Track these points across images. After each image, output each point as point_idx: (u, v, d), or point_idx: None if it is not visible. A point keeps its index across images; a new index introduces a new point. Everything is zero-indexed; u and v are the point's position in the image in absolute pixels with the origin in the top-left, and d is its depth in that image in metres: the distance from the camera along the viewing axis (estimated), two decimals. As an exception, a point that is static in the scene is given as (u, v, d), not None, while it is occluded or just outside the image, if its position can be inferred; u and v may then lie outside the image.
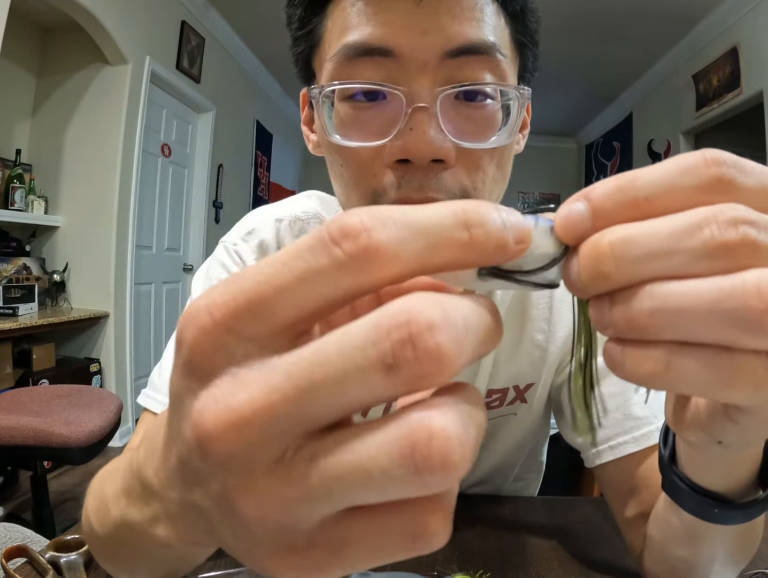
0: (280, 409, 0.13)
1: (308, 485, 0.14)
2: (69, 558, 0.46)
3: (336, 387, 0.13)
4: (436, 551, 0.14)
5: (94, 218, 2.96)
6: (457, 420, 0.13)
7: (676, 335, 0.16)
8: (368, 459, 0.13)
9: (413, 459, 0.13)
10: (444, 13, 0.38)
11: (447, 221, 0.15)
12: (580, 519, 0.60)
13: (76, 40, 2.85)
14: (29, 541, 0.71)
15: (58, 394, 1.84)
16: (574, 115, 5.89)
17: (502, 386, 0.60)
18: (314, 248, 0.14)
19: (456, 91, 0.39)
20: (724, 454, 0.29)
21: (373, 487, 0.13)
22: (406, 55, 0.38)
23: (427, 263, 0.15)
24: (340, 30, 0.40)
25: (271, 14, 3.81)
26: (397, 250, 0.14)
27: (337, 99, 0.41)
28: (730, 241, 0.15)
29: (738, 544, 0.38)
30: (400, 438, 0.13)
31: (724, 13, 3.38)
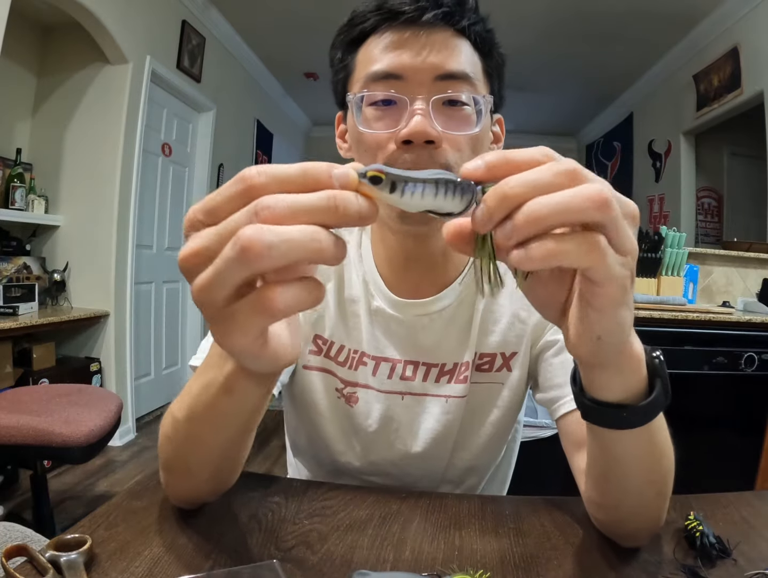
0: (202, 245, 0.29)
1: (212, 272, 0.29)
2: (69, 557, 0.46)
3: (230, 234, 0.28)
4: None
5: (95, 217, 2.96)
6: (259, 230, 0.27)
7: (557, 223, 0.29)
8: (224, 252, 0.28)
9: (235, 244, 0.27)
10: (436, 52, 0.59)
11: (294, 173, 0.29)
12: (580, 519, 0.60)
13: (76, 39, 2.85)
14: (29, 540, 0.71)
15: (58, 393, 1.84)
16: (574, 115, 5.89)
17: (491, 351, 0.72)
18: (231, 184, 0.30)
19: (442, 99, 0.59)
20: (615, 367, 0.40)
21: (225, 267, 0.28)
22: (409, 78, 0.59)
23: (282, 191, 0.28)
24: (367, 61, 0.62)
25: (271, 14, 3.81)
26: (264, 187, 0.29)
27: (364, 105, 0.62)
28: (568, 169, 0.29)
29: (647, 455, 0.47)
30: (232, 239, 0.28)
31: (724, 14, 3.38)
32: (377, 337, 0.73)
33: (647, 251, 2.27)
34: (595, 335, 0.35)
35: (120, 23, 2.80)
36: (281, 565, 0.47)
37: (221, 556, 0.50)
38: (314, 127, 6.72)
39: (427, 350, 0.72)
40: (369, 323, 0.73)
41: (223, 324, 0.32)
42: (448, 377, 0.72)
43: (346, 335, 0.74)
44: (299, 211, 0.27)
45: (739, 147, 4.14)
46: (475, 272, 0.72)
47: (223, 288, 0.29)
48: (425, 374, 0.73)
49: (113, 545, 0.51)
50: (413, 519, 0.60)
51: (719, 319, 2.05)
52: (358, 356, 0.73)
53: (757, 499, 0.69)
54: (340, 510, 0.61)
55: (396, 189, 0.29)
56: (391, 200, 0.29)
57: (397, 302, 0.71)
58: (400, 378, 0.73)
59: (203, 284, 0.29)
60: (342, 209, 0.28)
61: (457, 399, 0.72)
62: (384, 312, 0.72)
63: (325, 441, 0.77)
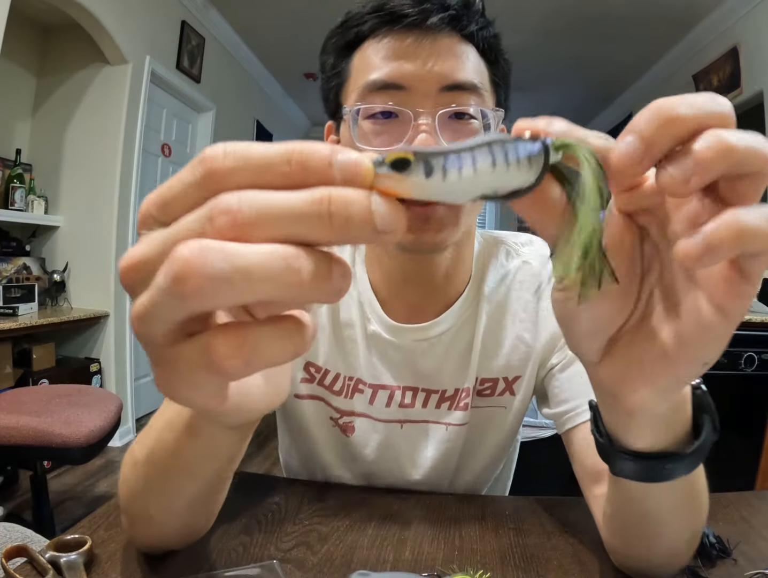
0: (143, 256, 0.20)
1: (147, 300, 0.19)
2: (69, 557, 0.46)
3: (165, 248, 0.19)
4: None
5: (95, 217, 2.96)
6: (203, 252, 0.17)
7: (749, 162, 0.21)
8: (157, 276, 0.19)
9: (168, 271, 0.18)
10: (441, 60, 0.53)
11: (274, 156, 0.19)
12: (580, 519, 0.60)
13: (76, 39, 2.85)
14: (29, 541, 0.71)
15: (58, 394, 1.84)
16: (574, 115, 5.88)
17: (493, 376, 0.68)
18: (188, 166, 0.20)
19: (449, 112, 0.54)
20: (662, 412, 0.32)
21: (159, 299, 0.19)
22: (413, 89, 0.53)
23: (256, 183, 0.19)
24: (364, 69, 0.55)
25: (271, 14, 3.81)
26: (231, 173, 0.19)
27: (361, 118, 0.55)
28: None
29: (684, 502, 0.41)
30: (167, 261, 0.18)
31: (724, 14, 3.38)
32: (374, 364, 0.68)
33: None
34: (703, 360, 0.26)
35: (119, 24, 2.80)
36: (281, 566, 0.47)
37: (221, 557, 0.50)
38: (314, 128, 6.72)
39: (426, 377, 0.68)
40: (366, 349, 0.68)
41: (163, 369, 0.22)
42: (448, 404, 0.69)
43: (342, 362, 0.69)
44: (274, 218, 0.18)
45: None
46: (558, 266, 0.41)
47: (159, 323, 0.20)
48: (425, 400, 0.69)
49: (113, 545, 0.51)
50: (413, 520, 0.60)
51: (719, 319, 2.05)
52: (353, 384, 0.69)
53: (757, 499, 0.69)
54: (340, 510, 0.61)
55: (434, 171, 0.19)
56: (429, 189, 0.19)
57: (395, 327, 0.67)
58: (398, 406, 0.69)
59: (138, 312, 0.20)
60: (340, 217, 0.18)
61: (457, 427, 0.68)
62: (380, 337, 0.67)
63: (321, 466, 0.74)
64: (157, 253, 0.20)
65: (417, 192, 0.19)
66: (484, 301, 0.67)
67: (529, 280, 0.68)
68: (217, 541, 0.53)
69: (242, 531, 0.55)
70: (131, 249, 0.21)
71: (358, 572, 0.45)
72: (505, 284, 0.68)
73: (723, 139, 0.20)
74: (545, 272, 0.68)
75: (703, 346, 0.25)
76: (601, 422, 0.37)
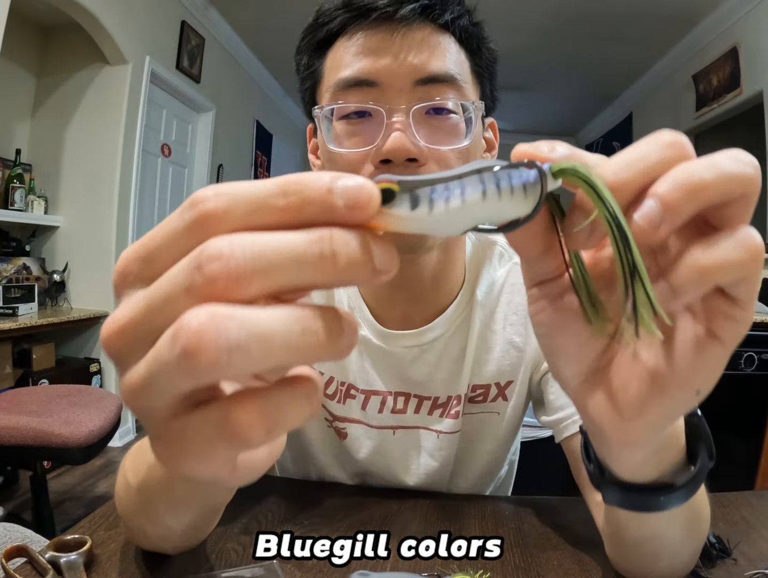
0: (128, 320, 0.18)
1: (146, 373, 0.18)
2: (69, 558, 0.46)
3: (163, 306, 0.17)
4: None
5: (94, 217, 2.96)
6: (215, 321, 0.15)
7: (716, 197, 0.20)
8: (159, 347, 0.17)
9: (174, 343, 0.16)
10: (415, 52, 0.50)
11: (268, 191, 0.17)
12: (580, 519, 0.60)
13: (76, 39, 2.85)
14: (29, 541, 0.71)
15: (58, 394, 1.84)
16: (574, 115, 5.89)
17: (485, 382, 0.67)
18: (176, 213, 0.18)
19: (425, 107, 0.51)
20: (653, 444, 0.30)
21: (163, 371, 0.17)
22: (385, 84, 0.51)
23: (250, 224, 0.17)
24: (336, 67, 0.53)
25: (271, 14, 3.81)
26: (224, 214, 0.17)
27: (335, 119, 0.53)
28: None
29: (684, 524, 0.40)
30: (170, 330, 0.16)
31: (723, 13, 3.38)
32: (365, 369, 0.67)
33: (647, 251, 2.27)
34: (696, 387, 0.25)
35: (119, 24, 2.80)
36: (281, 566, 0.47)
37: (221, 557, 0.50)
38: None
39: (418, 383, 0.67)
40: (358, 354, 0.67)
41: (168, 442, 0.19)
42: (441, 411, 0.67)
43: (336, 366, 0.68)
44: (271, 262, 0.16)
45: (738, 147, 4.09)
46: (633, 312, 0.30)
47: (161, 396, 0.18)
48: (417, 406, 0.68)
49: (113, 546, 0.51)
50: (413, 520, 0.60)
51: (719, 319, 2.05)
52: (345, 389, 0.68)
53: (756, 499, 0.69)
54: (339, 510, 0.61)
55: (420, 202, 0.18)
56: (415, 222, 0.18)
57: (385, 333, 0.65)
58: (391, 412, 0.68)
59: (134, 385, 0.18)
60: (342, 258, 0.17)
61: (449, 435, 0.67)
62: (370, 343, 0.66)
63: (316, 466, 0.74)
64: (144, 316, 0.18)
65: (402, 226, 0.18)
66: (477, 307, 0.65)
67: (520, 282, 0.65)
68: (217, 541, 0.53)
69: (242, 531, 0.55)
70: (113, 314, 0.19)
71: (358, 572, 0.45)
72: (496, 287, 0.67)
73: (691, 178, 0.20)
74: None
75: (697, 372, 0.24)
76: (591, 449, 0.35)
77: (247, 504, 0.61)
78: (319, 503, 0.63)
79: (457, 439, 0.68)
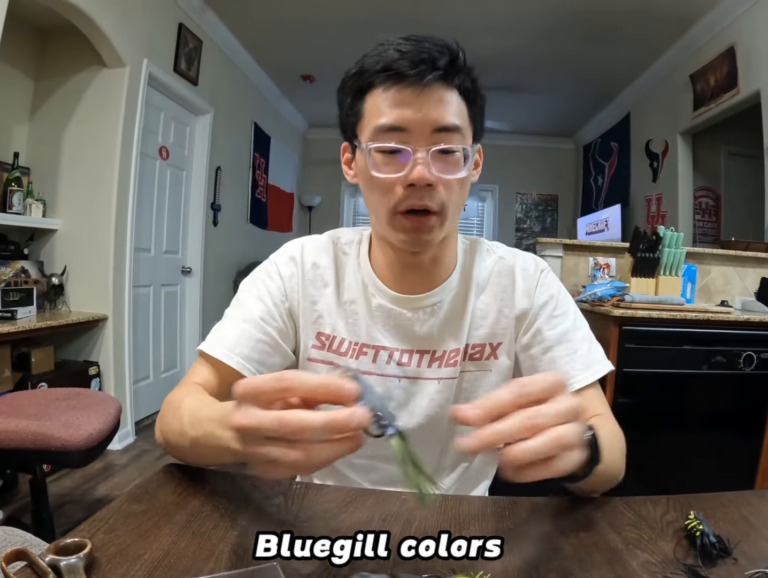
0: (257, 425, 0.41)
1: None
2: (69, 561, 0.46)
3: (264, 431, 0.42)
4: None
5: (93, 220, 2.96)
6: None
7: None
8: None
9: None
10: (433, 108, 0.69)
11: (319, 424, 0.40)
12: (580, 519, 0.60)
13: (73, 42, 2.85)
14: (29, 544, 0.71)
15: (57, 397, 1.83)
16: (571, 115, 5.90)
17: (481, 342, 0.84)
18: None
19: (439, 149, 0.70)
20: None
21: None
22: (412, 131, 0.69)
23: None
24: (376, 114, 0.71)
25: (268, 16, 3.81)
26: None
27: (374, 151, 0.72)
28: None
29: (596, 481, 0.61)
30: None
31: (721, 13, 3.39)
32: (376, 330, 0.83)
33: (645, 251, 2.28)
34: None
35: (117, 27, 2.80)
36: (282, 568, 0.46)
37: (221, 559, 0.50)
38: (311, 129, 6.73)
39: (421, 340, 0.83)
40: (368, 318, 0.83)
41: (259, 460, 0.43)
42: (439, 362, 0.83)
43: (346, 330, 0.84)
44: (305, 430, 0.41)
45: (736, 146, 4.14)
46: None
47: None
48: (419, 360, 0.83)
49: (113, 549, 0.51)
50: (413, 521, 0.60)
51: (718, 318, 2.06)
52: (358, 348, 0.83)
53: (756, 498, 0.69)
54: (340, 511, 0.61)
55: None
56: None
57: (397, 297, 0.83)
58: (397, 364, 0.83)
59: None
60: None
61: (448, 381, 0.83)
62: (384, 307, 0.83)
63: None
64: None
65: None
66: (473, 282, 0.85)
67: (506, 270, 0.86)
68: (218, 543, 0.53)
69: (242, 532, 0.55)
70: (240, 417, 0.42)
71: (360, 574, 0.45)
72: (486, 272, 0.86)
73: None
74: (518, 263, 0.86)
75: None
76: None
77: (248, 505, 0.61)
78: (319, 504, 0.63)
79: (454, 385, 0.83)
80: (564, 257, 2.74)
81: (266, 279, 0.85)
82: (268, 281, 0.84)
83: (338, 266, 0.86)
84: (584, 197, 6.36)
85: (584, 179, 6.38)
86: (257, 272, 0.87)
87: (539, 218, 6.84)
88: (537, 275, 0.85)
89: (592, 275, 2.70)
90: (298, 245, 0.88)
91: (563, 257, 2.74)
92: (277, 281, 0.84)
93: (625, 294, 2.19)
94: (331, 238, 0.88)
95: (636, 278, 2.29)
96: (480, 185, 6.56)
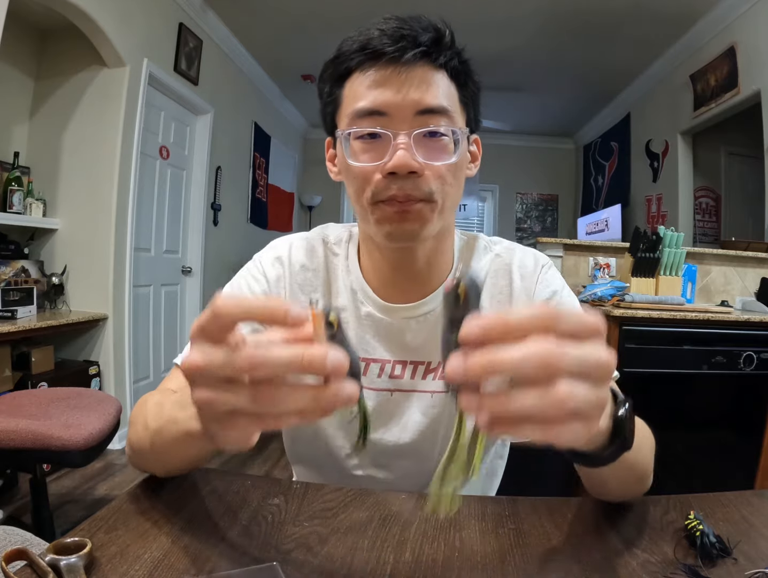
0: (206, 362, 0.35)
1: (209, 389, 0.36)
2: (69, 560, 0.46)
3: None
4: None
5: (93, 220, 2.96)
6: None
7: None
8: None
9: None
10: (415, 88, 0.62)
11: (285, 356, 0.33)
12: (580, 519, 0.60)
13: (73, 42, 2.85)
14: (29, 544, 0.71)
15: (57, 397, 1.83)
16: (571, 115, 5.90)
17: None
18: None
19: (423, 132, 0.63)
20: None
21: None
22: (393, 114, 0.63)
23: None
24: (353, 97, 0.65)
25: (268, 16, 3.81)
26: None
27: (352, 138, 0.65)
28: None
29: (621, 473, 0.56)
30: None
31: (721, 13, 3.39)
32: (367, 340, 0.77)
33: (645, 251, 2.28)
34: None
35: (117, 26, 2.81)
36: (281, 567, 0.47)
37: (221, 559, 0.50)
38: (311, 129, 6.73)
39: (414, 350, 0.76)
40: (358, 327, 0.77)
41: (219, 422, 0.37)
42: (433, 375, 0.77)
43: None
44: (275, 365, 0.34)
45: (736, 146, 4.14)
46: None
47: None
48: (413, 371, 0.77)
49: (113, 548, 0.51)
50: (413, 521, 0.60)
51: (718, 318, 2.06)
52: None
53: (756, 498, 0.69)
54: (340, 512, 0.61)
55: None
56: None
57: (386, 306, 0.76)
58: (389, 377, 0.77)
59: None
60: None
61: (441, 394, 0.76)
62: (374, 316, 0.77)
63: (324, 438, 0.79)
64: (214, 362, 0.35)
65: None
66: None
67: (502, 269, 0.79)
68: (217, 543, 0.53)
69: (242, 532, 0.55)
70: (189, 355, 0.36)
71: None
72: (483, 273, 0.80)
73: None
74: (515, 260, 0.79)
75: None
76: None
77: (248, 505, 0.61)
78: (319, 504, 0.63)
79: (448, 398, 0.76)
80: (564, 257, 2.74)
81: (250, 281, 0.79)
82: (252, 282, 0.78)
83: (328, 269, 0.79)
84: (584, 197, 6.35)
85: (584, 179, 6.38)
86: (241, 273, 0.81)
87: (539, 218, 6.84)
88: (537, 272, 0.78)
89: (593, 275, 2.70)
90: (286, 244, 0.81)
91: (563, 257, 2.74)
92: (262, 283, 0.78)
93: (625, 294, 2.19)
94: (321, 236, 0.82)
95: (636, 278, 2.29)
96: (480, 184, 6.56)
